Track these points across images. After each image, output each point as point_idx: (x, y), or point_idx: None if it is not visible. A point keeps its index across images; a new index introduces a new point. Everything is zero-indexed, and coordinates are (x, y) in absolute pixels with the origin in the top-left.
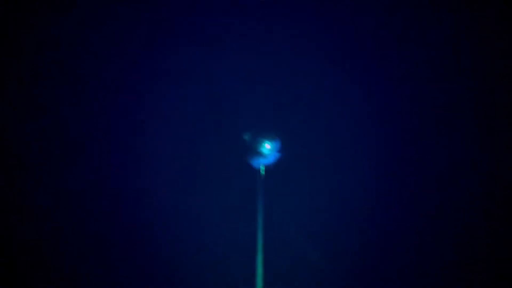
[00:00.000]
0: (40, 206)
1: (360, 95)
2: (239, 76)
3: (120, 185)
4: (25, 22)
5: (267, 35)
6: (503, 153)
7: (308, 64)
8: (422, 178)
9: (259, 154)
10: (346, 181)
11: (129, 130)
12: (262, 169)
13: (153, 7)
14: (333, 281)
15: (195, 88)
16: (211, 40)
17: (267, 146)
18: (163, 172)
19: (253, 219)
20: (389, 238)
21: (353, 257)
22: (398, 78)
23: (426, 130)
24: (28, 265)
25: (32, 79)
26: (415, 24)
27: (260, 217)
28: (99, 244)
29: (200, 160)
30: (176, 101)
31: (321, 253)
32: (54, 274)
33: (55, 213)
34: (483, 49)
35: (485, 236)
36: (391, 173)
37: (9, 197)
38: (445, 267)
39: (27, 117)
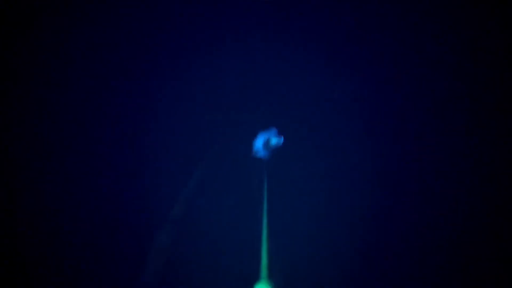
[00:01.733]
0: (39, 206)
1: (361, 95)
2: (240, 75)
3: (122, 183)
4: (25, 21)
5: (267, 34)
6: (503, 153)
7: (309, 63)
8: (423, 177)
9: (263, 147)
10: (348, 180)
11: (130, 129)
12: (266, 164)
13: (153, 6)
14: (333, 281)
15: (197, 87)
16: (212, 39)
17: (269, 141)
18: (165, 172)
19: (257, 218)
20: (390, 238)
21: (354, 257)
22: (398, 78)
23: (428, 129)
24: (27, 265)
25: (32, 78)
26: (416, 25)
27: (265, 215)
28: (99, 243)
29: (202, 158)
30: (178, 99)
31: (323, 252)
32: (53, 274)
33: (54, 213)
34: (483, 49)
35: (485, 237)
36: (392, 172)
37: (9, 197)
38: (445, 268)
39: (27, 117)
